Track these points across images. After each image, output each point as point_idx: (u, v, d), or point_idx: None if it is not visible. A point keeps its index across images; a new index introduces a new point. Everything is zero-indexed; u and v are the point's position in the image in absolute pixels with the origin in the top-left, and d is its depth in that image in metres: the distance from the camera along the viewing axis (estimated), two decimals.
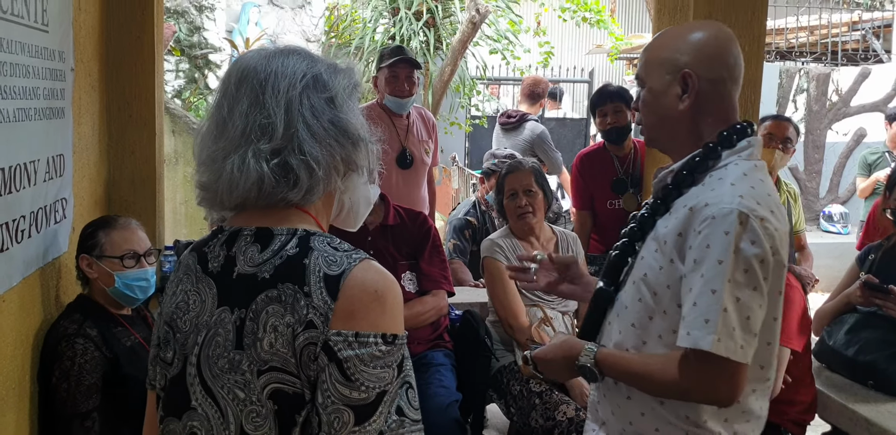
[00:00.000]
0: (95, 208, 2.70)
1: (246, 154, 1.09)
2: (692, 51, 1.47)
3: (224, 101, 1.14)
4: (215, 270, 1.14)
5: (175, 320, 1.16)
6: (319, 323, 1.04)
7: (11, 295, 1.88)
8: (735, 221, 1.35)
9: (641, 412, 1.50)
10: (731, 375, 1.36)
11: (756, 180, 1.43)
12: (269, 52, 1.17)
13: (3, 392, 1.81)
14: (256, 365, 1.06)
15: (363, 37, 7.30)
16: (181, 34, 6.56)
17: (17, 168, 1.88)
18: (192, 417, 1.13)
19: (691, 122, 1.49)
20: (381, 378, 1.05)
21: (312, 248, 1.10)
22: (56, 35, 2.22)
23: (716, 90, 1.47)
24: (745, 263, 1.34)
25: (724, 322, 1.33)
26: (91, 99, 2.68)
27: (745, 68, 3.18)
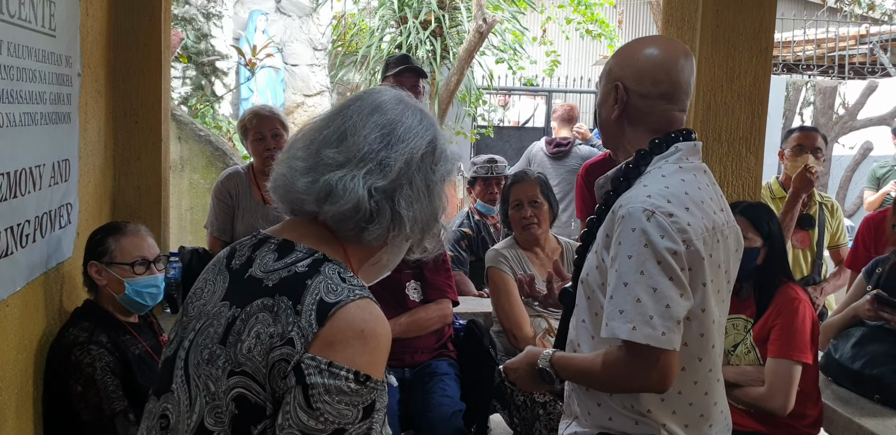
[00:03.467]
0: (100, 214, 2.70)
1: (357, 175, 1.14)
2: (628, 65, 1.59)
3: (352, 115, 1.19)
4: (235, 267, 1.19)
5: (188, 305, 1.22)
6: (299, 343, 1.05)
7: (15, 300, 1.87)
8: (641, 218, 1.43)
9: (598, 403, 1.58)
10: (657, 361, 1.42)
11: (675, 180, 1.51)
12: (407, 100, 1.25)
13: (4, 397, 1.80)
14: (230, 365, 1.09)
15: (370, 45, 7.33)
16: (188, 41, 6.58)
17: (22, 172, 1.88)
18: (168, 399, 1.16)
19: (622, 129, 1.60)
20: (343, 415, 1.04)
21: (320, 272, 1.12)
22: (63, 40, 2.22)
23: (644, 104, 1.57)
24: (657, 256, 1.42)
25: (638, 311, 1.40)
26: (97, 104, 2.68)
27: (752, 81, 3.21)
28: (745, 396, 2.41)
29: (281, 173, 1.19)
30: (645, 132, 1.58)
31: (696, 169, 1.57)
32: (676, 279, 1.43)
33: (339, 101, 1.27)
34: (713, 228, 1.52)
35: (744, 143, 3.25)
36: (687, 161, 1.56)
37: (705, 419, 1.57)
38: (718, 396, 1.61)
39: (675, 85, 1.57)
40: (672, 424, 1.53)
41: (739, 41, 3.21)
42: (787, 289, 2.43)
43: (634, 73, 1.57)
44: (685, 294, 1.44)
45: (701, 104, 3.22)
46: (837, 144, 8.84)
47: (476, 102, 7.78)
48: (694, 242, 1.45)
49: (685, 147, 1.56)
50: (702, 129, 3.22)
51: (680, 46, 1.63)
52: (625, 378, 1.47)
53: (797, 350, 2.32)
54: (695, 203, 1.50)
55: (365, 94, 1.24)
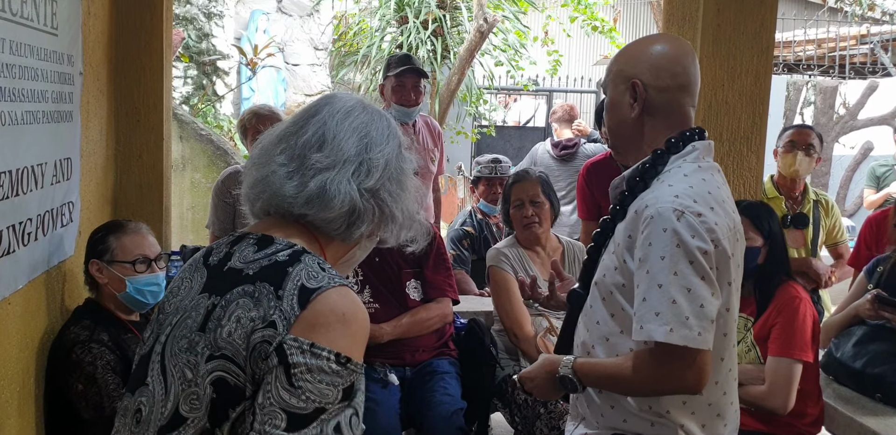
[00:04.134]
0: (102, 212, 2.70)
1: (346, 177, 1.20)
2: (642, 62, 1.58)
3: (326, 120, 1.24)
4: (213, 263, 1.22)
5: (163, 304, 1.25)
6: (281, 325, 1.08)
7: (17, 298, 1.87)
8: (672, 218, 1.43)
9: (611, 405, 1.57)
10: (694, 362, 1.42)
11: (696, 180, 1.51)
12: (368, 105, 1.30)
13: (6, 395, 1.81)
14: (210, 349, 1.11)
15: (371, 45, 7.33)
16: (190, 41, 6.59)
17: (24, 171, 1.88)
18: (143, 392, 1.18)
19: (642, 128, 1.58)
20: (324, 394, 1.07)
21: (301, 261, 1.17)
22: (65, 39, 2.22)
23: (663, 99, 1.56)
24: (689, 256, 1.42)
25: (674, 313, 1.40)
26: (99, 103, 2.69)
27: (754, 80, 3.21)
28: (745, 395, 2.40)
29: (260, 178, 1.22)
30: (664, 129, 1.56)
31: (713, 168, 1.57)
32: (708, 278, 1.43)
33: (300, 107, 1.30)
34: (734, 228, 1.53)
35: (745, 143, 3.26)
36: (704, 160, 1.56)
37: (721, 419, 1.58)
38: (734, 395, 1.61)
39: (692, 76, 1.57)
40: (690, 424, 1.53)
41: (740, 40, 3.21)
42: (787, 287, 2.43)
43: (650, 69, 1.56)
44: (716, 293, 1.44)
45: (702, 103, 3.22)
46: (838, 144, 8.84)
47: (477, 102, 7.78)
48: (721, 241, 1.46)
49: (702, 146, 1.56)
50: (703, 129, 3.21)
51: (683, 42, 1.64)
52: (659, 381, 1.46)
53: (798, 349, 2.32)
54: (718, 203, 1.50)
55: (329, 99, 1.28)
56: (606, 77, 1.67)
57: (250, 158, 1.29)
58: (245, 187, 1.26)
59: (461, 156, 8.61)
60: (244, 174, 1.28)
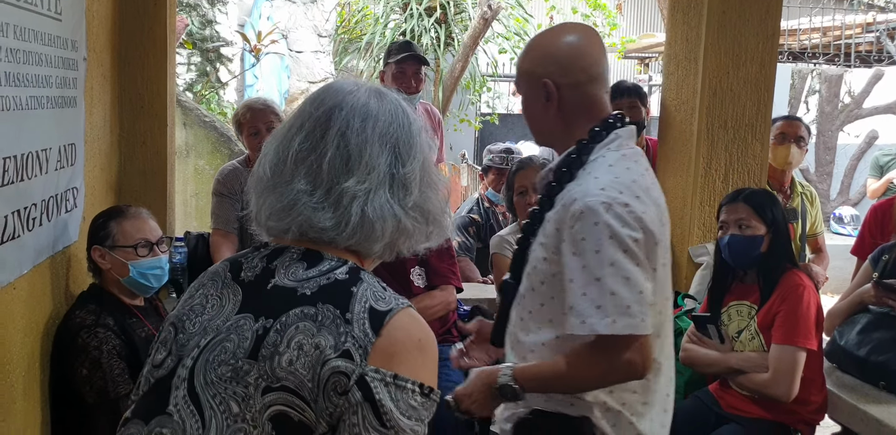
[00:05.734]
0: (106, 198, 2.70)
1: (386, 197, 1.08)
2: (550, 60, 1.59)
3: (345, 131, 1.09)
4: (247, 279, 1.10)
5: (184, 322, 1.11)
6: (357, 355, 0.98)
7: (22, 283, 1.87)
8: (601, 211, 1.46)
9: None
10: (639, 348, 1.46)
11: (621, 169, 1.54)
12: (382, 91, 1.16)
13: (11, 379, 1.81)
14: (266, 380, 0.99)
15: (374, 32, 7.30)
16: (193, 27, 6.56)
17: (29, 156, 1.88)
18: (164, 422, 1.04)
19: (562, 123, 1.61)
20: (415, 432, 0.99)
21: (363, 279, 1.07)
22: (69, 24, 2.21)
23: (577, 93, 1.58)
24: (622, 245, 1.45)
25: (614, 304, 1.43)
26: (103, 89, 2.68)
27: (759, 67, 3.19)
28: (748, 383, 2.41)
29: (284, 207, 1.08)
30: (584, 121, 1.59)
31: (636, 154, 1.59)
32: (643, 264, 1.47)
33: (307, 108, 1.14)
34: (659, 213, 1.55)
35: (750, 131, 3.24)
36: (628, 147, 1.59)
37: (640, 396, 1.59)
38: (656, 376, 1.60)
39: (601, 66, 1.60)
40: (610, 402, 1.56)
41: (746, 27, 3.19)
42: (792, 275, 2.43)
43: (559, 67, 1.58)
44: (649, 278, 1.48)
45: (707, 91, 3.20)
46: (843, 133, 8.81)
47: (480, 90, 7.76)
48: (650, 227, 1.49)
49: (624, 133, 1.59)
50: (707, 116, 3.21)
51: (586, 28, 1.66)
52: (607, 372, 1.48)
53: (801, 336, 2.33)
54: (643, 190, 1.53)
55: (337, 101, 1.12)
56: (518, 75, 1.67)
57: (258, 178, 1.13)
58: (262, 215, 1.11)
59: (465, 144, 8.59)
60: (252, 193, 1.14)
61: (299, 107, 1.16)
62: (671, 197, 3.41)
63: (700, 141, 3.23)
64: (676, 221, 3.38)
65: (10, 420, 1.80)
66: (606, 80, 1.61)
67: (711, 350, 2.52)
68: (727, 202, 2.56)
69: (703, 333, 2.54)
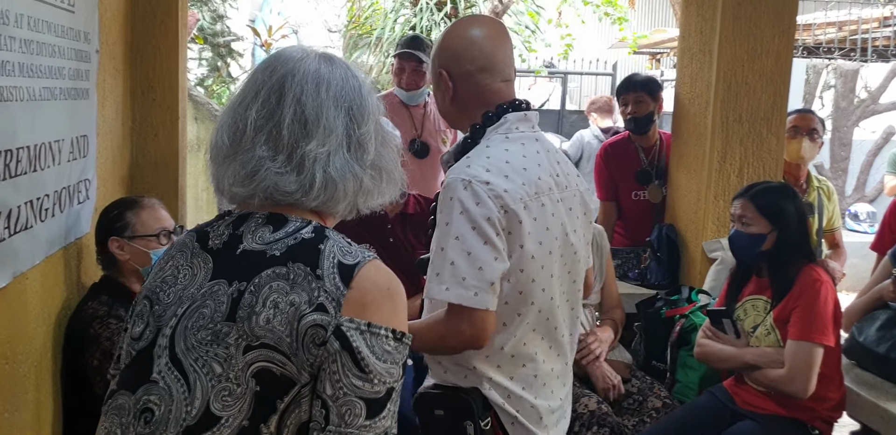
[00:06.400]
0: (118, 190, 2.70)
1: (348, 159, 1.13)
2: (445, 52, 1.72)
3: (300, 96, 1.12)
4: (216, 247, 1.14)
5: (157, 293, 1.14)
6: (331, 308, 1.04)
7: (34, 273, 1.87)
8: (459, 187, 1.55)
9: (438, 360, 1.70)
10: (471, 319, 1.53)
11: (497, 151, 1.63)
12: (330, 56, 1.18)
13: (24, 370, 1.81)
14: (246, 339, 1.04)
15: (384, 27, 7.27)
16: (204, 22, 6.56)
17: (41, 147, 1.87)
18: (150, 390, 1.08)
19: (461, 110, 1.73)
20: (391, 374, 1.05)
21: (328, 236, 1.12)
22: (82, 16, 2.21)
23: (469, 82, 1.69)
24: (471, 222, 1.53)
25: (452, 273, 1.51)
26: (115, 82, 2.67)
27: (774, 60, 3.16)
28: (764, 378, 2.39)
29: (247, 174, 1.11)
30: (478, 107, 1.69)
31: (525, 138, 1.68)
32: (490, 243, 1.53)
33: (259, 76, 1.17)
34: (536, 193, 1.61)
35: (765, 124, 3.21)
36: (516, 131, 1.67)
37: (530, 370, 1.67)
38: (544, 352, 1.69)
39: (490, 57, 1.68)
40: (497, 375, 1.64)
41: (762, 19, 3.16)
42: (809, 270, 2.40)
43: (451, 58, 1.70)
44: (500, 257, 1.54)
45: (721, 84, 3.17)
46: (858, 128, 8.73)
47: None
48: (511, 206, 1.56)
49: (513, 117, 1.68)
50: (722, 109, 3.17)
51: (485, 20, 1.78)
52: (443, 336, 1.57)
53: (818, 332, 2.30)
54: (515, 170, 1.60)
55: (288, 68, 1.15)
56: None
57: (217, 147, 1.16)
58: (224, 183, 1.14)
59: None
60: (212, 163, 1.17)
61: (249, 76, 1.18)
62: (685, 191, 3.39)
63: (714, 135, 3.20)
64: (690, 215, 3.36)
65: (22, 410, 1.80)
66: (499, 70, 1.70)
67: (726, 345, 2.49)
68: (735, 197, 2.54)
69: (717, 328, 2.52)
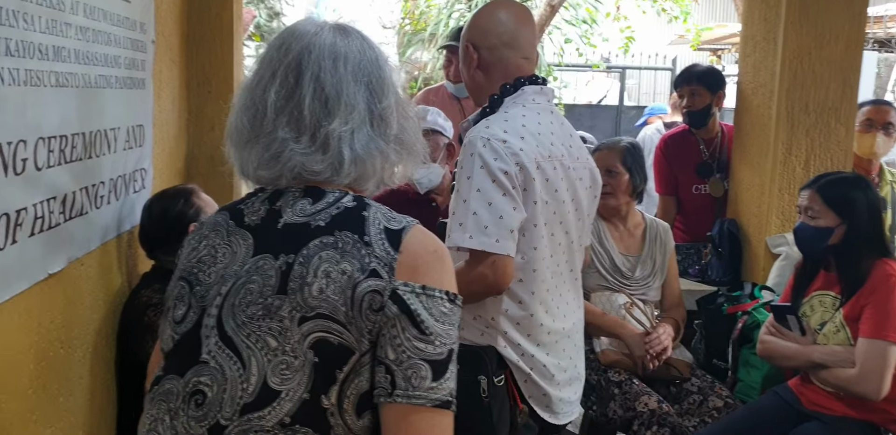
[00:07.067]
0: (174, 181, 2.72)
1: (372, 135, 1.12)
2: (471, 28, 1.87)
3: (319, 73, 1.10)
4: (253, 223, 1.12)
5: (196, 274, 1.12)
6: (384, 272, 1.04)
7: (90, 259, 1.89)
8: (478, 145, 1.67)
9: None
10: (494, 264, 1.64)
11: (514, 115, 1.75)
12: (345, 27, 1.17)
13: (78, 355, 1.83)
14: (300, 311, 1.03)
15: (438, 23, 7.25)
16: (261, 20, 6.64)
17: (96, 134, 1.89)
18: (201, 371, 1.06)
19: (484, 82, 1.85)
20: (450, 335, 1.05)
21: (369, 204, 1.12)
22: (138, 6, 2.23)
23: (493, 55, 1.83)
24: (491, 175, 1.65)
25: (474, 223, 1.63)
26: (171, 73, 2.70)
27: (844, 48, 3.03)
28: (833, 378, 2.28)
29: (272, 156, 1.10)
30: (497, 79, 1.82)
31: (541, 109, 1.80)
32: (509, 194, 1.65)
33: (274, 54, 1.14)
34: (549, 156, 1.74)
35: (833, 114, 3.08)
36: (533, 102, 1.79)
37: (545, 328, 1.77)
38: (553, 310, 1.79)
39: (513, 33, 1.82)
40: (513, 332, 1.73)
41: (830, 5, 3.02)
42: (883, 265, 2.28)
43: (479, 32, 1.84)
44: (518, 208, 1.66)
45: (787, 72, 3.05)
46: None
47: None
48: (526, 164, 1.67)
49: (530, 90, 1.80)
50: (787, 99, 3.05)
51: (512, 4, 1.88)
52: (469, 282, 1.62)
53: (892, 330, 2.18)
54: (531, 133, 1.72)
55: (303, 39, 1.12)
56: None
57: (237, 130, 1.14)
58: (248, 167, 1.13)
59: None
60: (233, 147, 1.16)
61: (264, 55, 1.15)
62: (747, 185, 3.27)
63: (779, 125, 3.08)
64: (753, 209, 3.24)
65: (76, 395, 1.81)
66: (521, 46, 1.82)
67: (791, 342, 2.39)
68: (803, 187, 2.44)
69: (782, 325, 2.42)
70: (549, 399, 1.80)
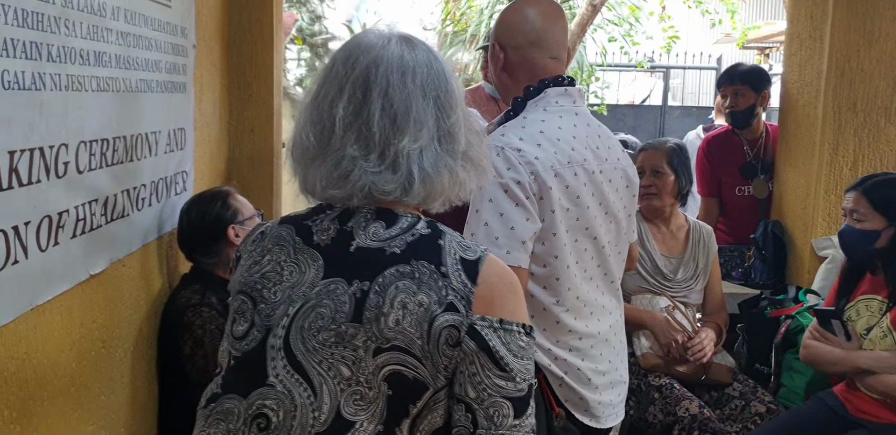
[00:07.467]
0: (215, 183, 2.75)
1: (439, 152, 1.08)
2: (498, 27, 1.83)
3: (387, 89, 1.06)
4: (323, 243, 1.08)
5: (260, 290, 1.09)
6: (461, 306, 1.01)
7: (131, 260, 1.93)
8: (492, 154, 1.60)
9: None
10: None
11: (532, 121, 1.71)
12: (410, 38, 1.12)
13: (119, 354, 1.87)
14: (375, 342, 1.00)
15: (479, 24, 7.25)
16: (302, 23, 6.71)
17: (137, 137, 1.93)
18: (266, 395, 1.04)
19: (509, 83, 1.81)
20: (528, 370, 1.03)
21: (443, 231, 1.09)
22: (178, 11, 2.27)
23: (518, 55, 1.78)
24: (503, 186, 1.61)
25: (485, 233, 1.60)
26: (212, 77, 2.74)
27: (894, 45, 2.93)
28: (880, 385, 2.21)
29: (341, 175, 1.06)
30: (523, 81, 1.77)
31: (564, 111, 1.75)
32: (522, 205, 1.61)
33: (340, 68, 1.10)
34: (569, 162, 1.68)
35: (882, 113, 3.00)
36: (555, 105, 1.74)
37: (575, 334, 1.74)
38: (585, 315, 1.76)
39: (541, 33, 1.76)
40: (541, 338, 1.70)
41: (879, 2, 2.94)
42: None
43: (505, 31, 1.80)
44: (531, 218, 1.62)
45: (834, 71, 2.98)
46: None
47: (588, 79, 7.57)
48: (541, 173, 1.63)
49: (553, 92, 1.75)
50: (834, 98, 2.98)
51: (545, 2, 1.82)
52: None
53: None
54: (548, 140, 1.68)
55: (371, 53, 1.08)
56: None
57: (303, 148, 1.10)
58: (317, 186, 1.09)
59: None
60: (298, 164, 1.11)
61: (330, 68, 1.11)
62: (792, 186, 3.20)
63: (826, 125, 3.00)
64: (799, 211, 3.17)
65: (117, 393, 1.85)
66: (548, 46, 1.77)
67: (836, 348, 2.33)
68: (848, 189, 2.38)
69: (826, 329, 2.36)
70: (587, 403, 1.77)
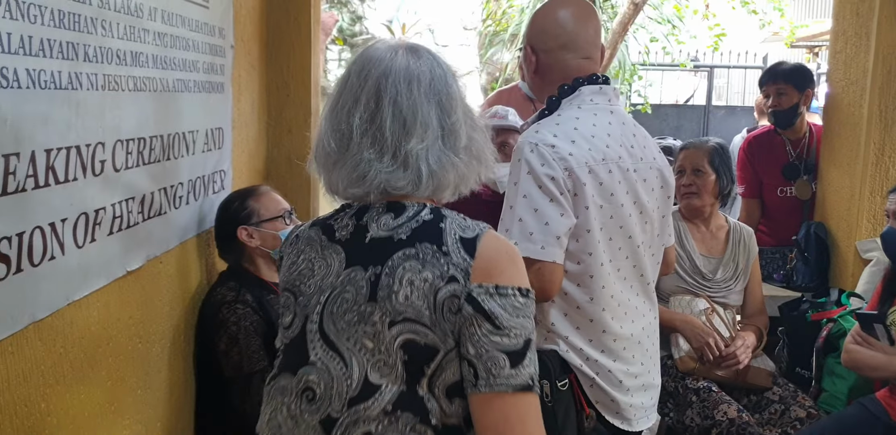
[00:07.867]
0: (254, 182, 2.78)
1: (443, 150, 1.22)
2: (530, 28, 1.86)
3: (395, 97, 1.21)
4: (343, 238, 1.25)
5: (298, 286, 1.27)
6: (461, 277, 1.15)
7: (169, 257, 1.96)
8: (526, 150, 1.66)
9: None
10: (539, 272, 1.60)
11: (567, 118, 1.73)
12: (416, 47, 1.27)
13: (156, 350, 1.90)
14: (389, 316, 1.16)
15: (519, 24, 7.22)
16: (343, 23, 6.75)
17: (175, 136, 1.96)
18: (310, 371, 1.22)
19: (542, 83, 1.84)
20: (524, 326, 1.16)
21: (445, 215, 1.23)
22: (216, 12, 2.30)
23: (550, 57, 1.80)
24: (537, 181, 1.63)
25: (520, 229, 1.61)
26: (251, 77, 2.77)
27: None
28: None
29: (359, 176, 1.21)
30: (557, 81, 1.79)
31: (598, 109, 1.76)
32: (556, 201, 1.63)
33: (354, 80, 1.25)
34: (603, 159, 1.69)
35: None
36: (590, 102, 1.76)
37: (609, 335, 1.75)
38: (619, 317, 1.76)
39: (572, 35, 1.78)
40: (574, 337, 1.72)
41: None
42: None
43: (537, 34, 1.82)
44: (566, 214, 1.63)
45: (880, 69, 2.90)
46: None
47: (630, 79, 7.49)
48: (575, 169, 1.65)
49: (587, 90, 1.77)
50: (880, 97, 2.90)
51: (574, 1, 1.83)
52: None
53: None
54: (582, 137, 1.69)
55: (381, 65, 1.23)
56: None
57: (325, 153, 1.26)
58: (339, 186, 1.25)
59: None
60: (322, 168, 1.27)
61: (345, 79, 1.26)
62: (837, 187, 3.13)
63: (871, 124, 2.93)
64: (843, 213, 3.10)
65: (153, 388, 1.88)
66: (579, 47, 1.79)
67: (878, 352, 2.27)
68: (892, 190, 2.32)
69: (868, 333, 2.30)
70: (618, 405, 1.76)
